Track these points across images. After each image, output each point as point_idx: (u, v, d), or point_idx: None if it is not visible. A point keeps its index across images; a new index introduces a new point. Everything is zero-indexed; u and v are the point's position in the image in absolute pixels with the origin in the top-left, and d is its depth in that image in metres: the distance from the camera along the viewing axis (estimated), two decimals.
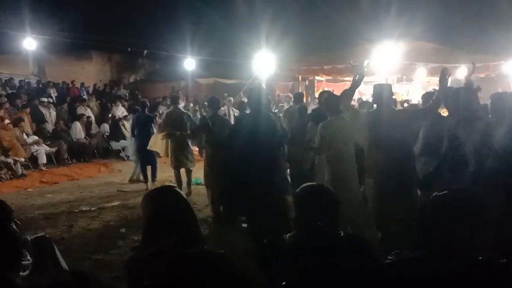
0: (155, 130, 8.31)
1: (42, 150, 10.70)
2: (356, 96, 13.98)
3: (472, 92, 4.90)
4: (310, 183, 2.08)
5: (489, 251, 1.69)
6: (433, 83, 14.30)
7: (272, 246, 2.00)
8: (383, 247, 4.11)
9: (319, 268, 1.81)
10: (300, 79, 15.55)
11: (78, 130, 12.22)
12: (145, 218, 1.87)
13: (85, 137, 12.34)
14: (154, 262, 1.76)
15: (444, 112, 5.22)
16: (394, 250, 1.77)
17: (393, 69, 11.60)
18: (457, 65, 11.92)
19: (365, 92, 12.88)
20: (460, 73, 11.97)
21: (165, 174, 8.80)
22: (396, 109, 4.79)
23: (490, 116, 4.40)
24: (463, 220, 1.62)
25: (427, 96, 5.29)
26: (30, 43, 14.32)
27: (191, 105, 15.81)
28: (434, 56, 12.17)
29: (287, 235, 1.98)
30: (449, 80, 4.54)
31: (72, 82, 17.32)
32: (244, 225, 5.52)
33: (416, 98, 12.48)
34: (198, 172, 9.89)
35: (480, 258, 1.62)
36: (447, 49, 12.79)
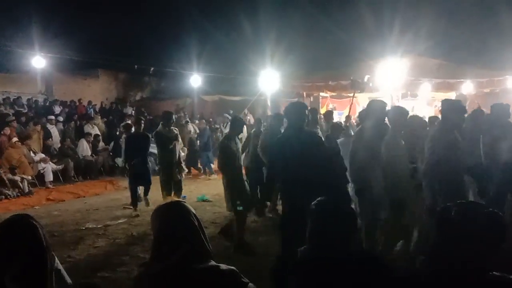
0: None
1: (49, 168, 10.77)
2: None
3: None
4: (327, 197, 2.06)
5: (505, 268, 1.66)
6: (438, 99, 14.31)
7: (285, 260, 2.00)
8: None
9: (329, 283, 1.80)
10: (304, 95, 15.62)
11: (84, 148, 12.29)
12: (153, 234, 1.87)
13: (91, 155, 12.41)
14: (162, 278, 1.76)
15: None
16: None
17: (398, 85, 11.63)
18: (462, 80, 11.95)
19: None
20: (465, 88, 12.00)
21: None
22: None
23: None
24: (481, 238, 1.58)
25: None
26: (38, 61, 14.52)
27: (197, 121, 15.89)
28: (438, 72, 12.22)
29: (299, 249, 1.97)
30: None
31: (79, 100, 17.51)
32: (240, 208, 5.36)
33: (421, 114, 12.50)
34: (204, 188, 9.94)
35: (496, 274, 1.59)
36: (451, 65, 12.85)
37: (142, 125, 8.27)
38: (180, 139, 8.02)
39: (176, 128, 7.81)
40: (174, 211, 1.89)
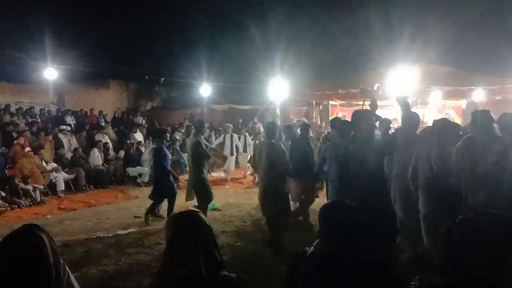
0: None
1: (61, 177, 10.86)
2: None
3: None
4: (336, 199, 2.14)
5: None
6: (449, 106, 14.20)
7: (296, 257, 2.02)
8: None
9: (339, 281, 1.81)
10: (314, 104, 15.61)
11: (96, 157, 12.37)
12: (166, 243, 1.88)
13: (102, 164, 12.49)
14: (173, 287, 1.76)
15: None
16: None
17: (408, 92, 11.57)
18: (472, 87, 11.87)
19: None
20: (476, 95, 11.90)
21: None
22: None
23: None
24: (492, 246, 1.54)
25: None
26: (50, 72, 14.72)
27: (207, 131, 15.94)
28: (449, 79, 12.15)
29: (310, 248, 2.00)
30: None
31: (91, 110, 17.70)
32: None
33: (431, 121, 12.41)
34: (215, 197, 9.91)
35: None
36: (462, 72, 12.77)
37: (167, 137, 7.75)
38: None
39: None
40: (187, 221, 1.90)
